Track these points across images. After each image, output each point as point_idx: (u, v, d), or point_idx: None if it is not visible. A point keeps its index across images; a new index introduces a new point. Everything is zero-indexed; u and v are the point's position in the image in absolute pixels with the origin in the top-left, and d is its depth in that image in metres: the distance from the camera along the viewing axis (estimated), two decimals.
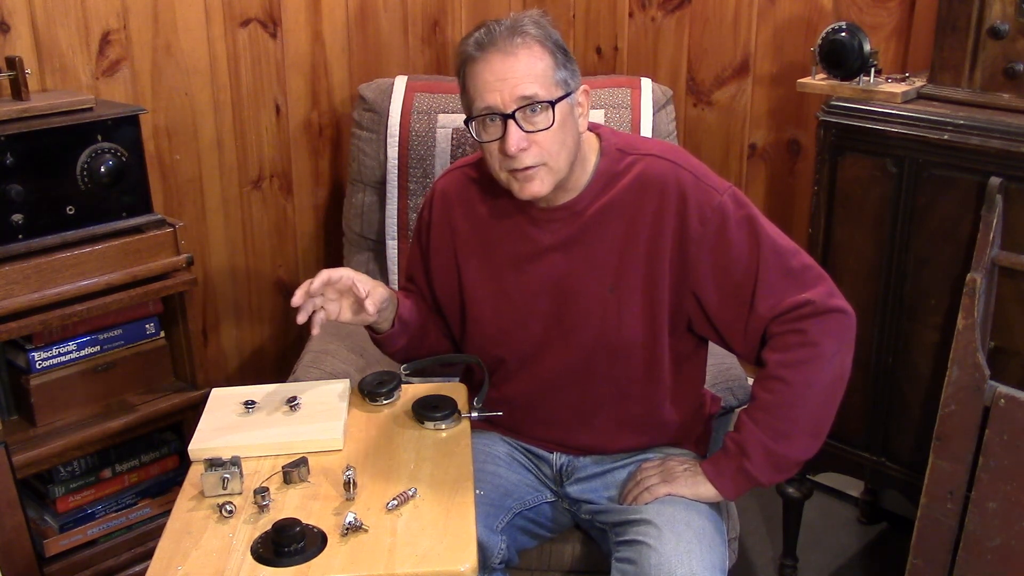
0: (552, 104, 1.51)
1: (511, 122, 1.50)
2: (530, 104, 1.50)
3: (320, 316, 1.56)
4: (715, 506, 1.63)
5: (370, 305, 1.56)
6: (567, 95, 1.54)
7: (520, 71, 1.50)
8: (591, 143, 1.64)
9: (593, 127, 1.66)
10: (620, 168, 1.62)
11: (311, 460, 1.42)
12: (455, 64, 1.59)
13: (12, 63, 1.88)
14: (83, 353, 2.00)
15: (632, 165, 1.61)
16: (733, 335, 1.60)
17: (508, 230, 1.66)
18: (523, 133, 1.51)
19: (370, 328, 1.70)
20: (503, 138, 1.52)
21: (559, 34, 1.58)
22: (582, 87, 1.59)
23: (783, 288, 1.56)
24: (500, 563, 1.60)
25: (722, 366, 2.01)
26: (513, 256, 1.65)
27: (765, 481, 1.58)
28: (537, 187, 1.55)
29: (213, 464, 1.38)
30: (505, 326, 1.67)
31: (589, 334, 1.62)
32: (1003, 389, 1.74)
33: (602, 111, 2.27)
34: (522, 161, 1.52)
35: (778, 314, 1.55)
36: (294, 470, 1.39)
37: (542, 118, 1.51)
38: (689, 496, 1.58)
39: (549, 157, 1.53)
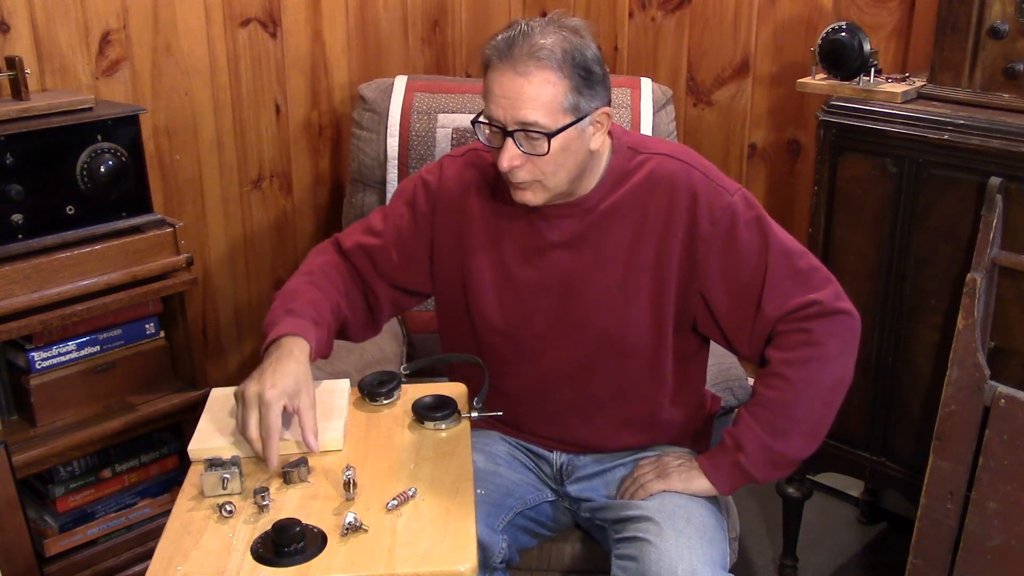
0: (550, 136, 1.48)
1: (508, 139, 1.50)
2: (529, 129, 1.48)
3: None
4: (716, 503, 1.63)
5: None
6: (577, 120, 1.50)
7: (527, 95, 1.47)
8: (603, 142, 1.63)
9: None
10: (631, 166, 1.61)
11: (311, 460, 1.42)
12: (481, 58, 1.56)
13: (12, 63, 1.88)
14: (83, 353, 2.00)
15: (643, 164, 1.61)
16: (739, 336, 1.60)
17: (519, 222, 1.65)
18: (518, 151, 1.50)
19: None
20: (500, 149, 1.51)
21: (596, 49, 1.52)
22: (602, 109, 1.53)
23: (790, 289, 1.56)
24: (501, 562, 1.60)
25: (722, 366, 2.01)
26: (521, 249, 1.65)
27: (760, 477, 1.58)
28: (529, 197, 1.55)
29: (213, 464, 1.37)
30: (508, 318, 1.66)
31: (594, 331, 1.62)
32: (1003, 389, 1.74)
33: None
34: (515, 176, 1.52)
35: (784, 314, 1.55)
36: (294, 470, 1.39)
37: (539, 144, 1.49)
38: (683, 490, 1.58)
39: (544, 176, 1.52)
